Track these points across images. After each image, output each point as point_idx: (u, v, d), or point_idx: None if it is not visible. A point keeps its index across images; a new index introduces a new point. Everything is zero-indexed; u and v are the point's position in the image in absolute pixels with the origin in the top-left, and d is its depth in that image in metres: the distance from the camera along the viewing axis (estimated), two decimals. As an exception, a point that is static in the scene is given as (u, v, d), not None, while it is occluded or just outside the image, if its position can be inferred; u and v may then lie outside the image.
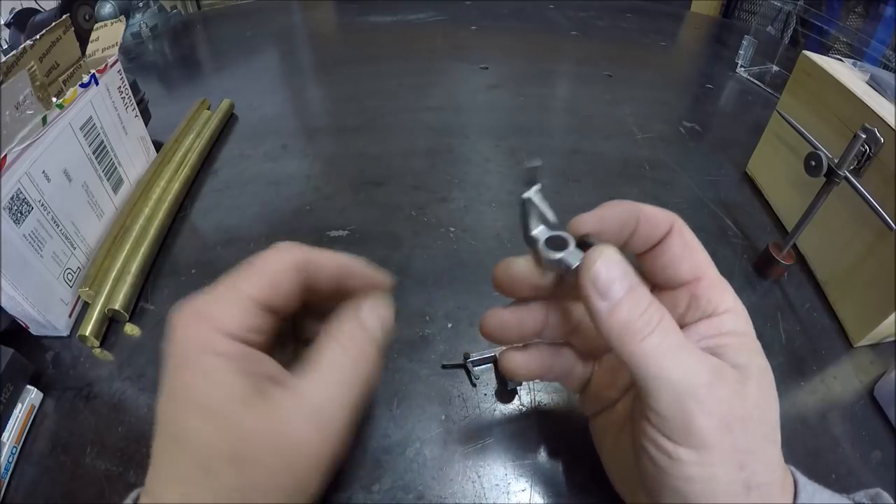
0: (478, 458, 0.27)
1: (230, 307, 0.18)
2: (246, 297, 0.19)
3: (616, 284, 0.18)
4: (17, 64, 0.30)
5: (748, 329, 0.20)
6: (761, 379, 0.18)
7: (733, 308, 0.20)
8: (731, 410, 0.17)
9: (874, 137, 0.31)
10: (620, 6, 0.91)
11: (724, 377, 0.17)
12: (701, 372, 0.17)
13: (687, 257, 0.20)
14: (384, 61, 0.70)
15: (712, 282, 0.20)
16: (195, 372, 0.17)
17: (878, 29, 1.01)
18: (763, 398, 0.18)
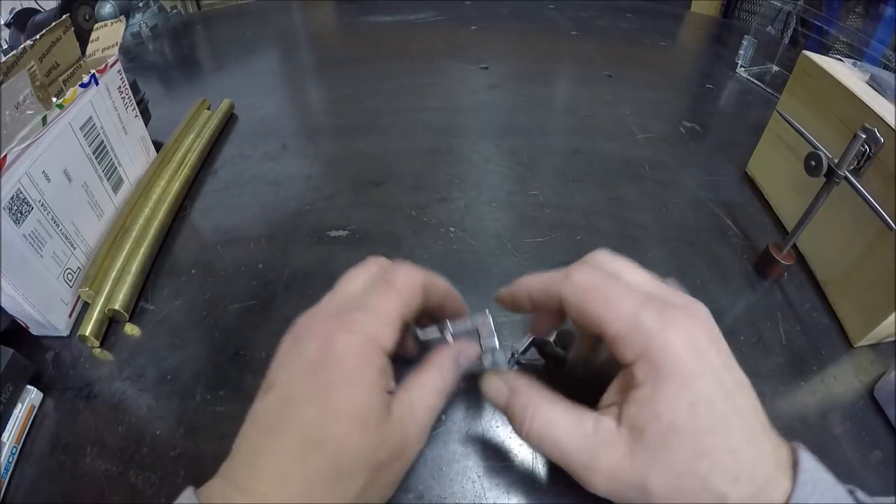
0: (478, 458, 0.27)
1: (388, 326, 0.21)
2: (396, 317, 0.21)
3: (498, 400, 0.23)
4: (17, 64, 0.30)
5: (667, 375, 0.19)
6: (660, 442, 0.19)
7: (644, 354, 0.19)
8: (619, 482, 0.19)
9: (874, 137, 0.31)
10: (620, 6, 0.91)
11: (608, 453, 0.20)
12: (580, 457, 0.20)
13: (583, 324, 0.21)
14: (384, 61, 0.70)
15: (616, 336, 0.20)
16: (356, 382, 0.20)
17: (878, 29, 1.01)
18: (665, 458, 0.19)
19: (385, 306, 0.21)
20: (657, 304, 0.20)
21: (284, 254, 0.39)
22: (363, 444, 0.19)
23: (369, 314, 0.21)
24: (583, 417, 0.21)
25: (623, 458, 0.19)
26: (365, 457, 0.19)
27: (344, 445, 0.19)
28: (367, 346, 0.20)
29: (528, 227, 0.42)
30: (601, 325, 0.20)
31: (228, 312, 0.35)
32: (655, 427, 0.19)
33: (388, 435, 0.20)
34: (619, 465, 0.19)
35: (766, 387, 0.31)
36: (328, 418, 0.19)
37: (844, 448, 0.29)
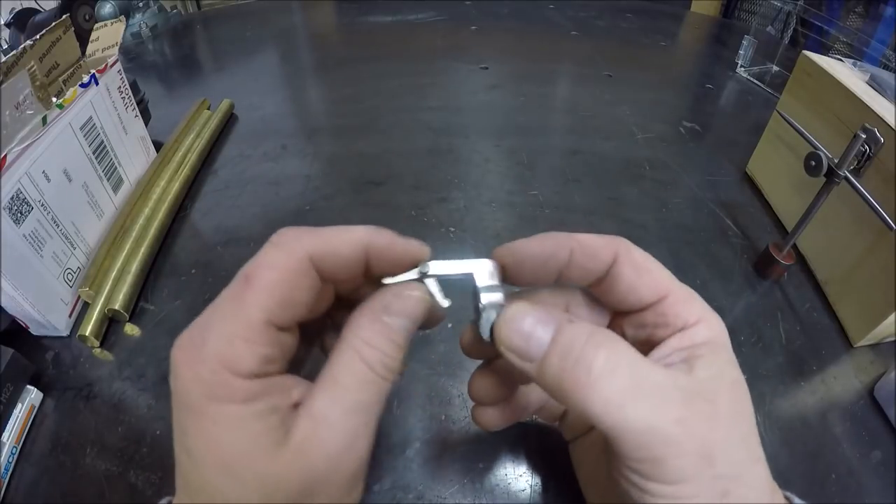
0: (478, 458, 0.27)
1: (242, 344, 0.16)
2: (259, 327, 0.16)
3: (533, 341, 0.16)
4: (17, 64, 0.30)
5: (721, 338, 0.18)
6: (734, 392, 0.17)
7: (704, 317, 0.18)
8: (708, 439, 0.15)
9: (874, 137, 0.31)
10: (620, 6, 0.91)
11: (694, 401, 0.16)
12: (668, 409, 0.15)
13: (644, 282, 0.18)
14: (384, 61, 0.70)
15: (677, 297, 0.18)
16: (210, 425, 0.15)
17: (878, 29, 1.01)
18: (737, 414, 0.17)
19: (239, 316, 0.16)
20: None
21: (284, 254, 0.39)
22: (242, 490, 0.15)
23: (214, 332, 0.16)
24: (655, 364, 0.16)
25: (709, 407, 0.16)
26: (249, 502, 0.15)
27: (220, 494, 0.15)
28: (216, 376, 0.15)
29: (528, 227, 0.42)
30: (663, 282, 0.18)
31: (228, 312, 0.35)
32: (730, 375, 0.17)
33: (281, 471, 0.15)
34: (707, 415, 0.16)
35: (766, 387, 0.31)
36: (195, 465, 0.16)
37: (844, 448, 0.29)
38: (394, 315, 0.18)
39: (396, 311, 0.18)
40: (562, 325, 0.16)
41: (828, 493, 0.27)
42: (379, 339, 0.17)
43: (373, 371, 0.17)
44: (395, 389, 0.30)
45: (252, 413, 0.15)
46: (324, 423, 0.16)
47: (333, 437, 0.16)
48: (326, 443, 0.16)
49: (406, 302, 0.18)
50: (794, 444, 0.29)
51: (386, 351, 0.17)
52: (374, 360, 0.17)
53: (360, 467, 0.17)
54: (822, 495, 0.26)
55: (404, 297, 0.18)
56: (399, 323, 0.18)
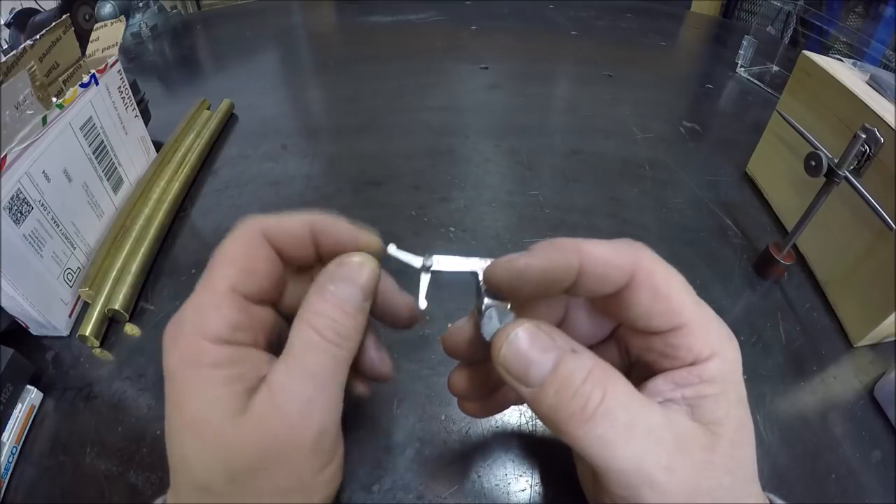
0: (478, 458, 0.27)
1: (210, 310, 0.17)
2: (224, 293, 0.17)
3: (533, 368, 0.16)
4: (17, 64, 0.30)
5: (733, 374, 0.17)
6: (737, 436, 0.16)
7: (718, 350, 0.17)
8: (697, 486, 0.15)
9: (874, 137, 0.31)
10: (620, 6, 0.91)
11: (688, 449, 0.16)
12: (657, 454, 0.15)
13: (658, 310, 0.17)
14: (384, 61, 0.70)
15: (692, 329, 0.17)
16: (185, 389, 0.16)
17: (878, 29, 1.01)
18: (737, 460, 0.16)
19: (211, 286, 0.18)
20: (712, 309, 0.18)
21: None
22: (203, 454, 0.16)
23: (191, 304, 0.18)
24: (652, 404, 0.16)
25: (704, 454, 0.16)
26: (211, 468, 0.16)
27: (188, 457, 0.16)
28: (189, 344, 0.17)
29: (528, 227, 0.42)
30: (681, 312, 0.17)
31: (228, 312, 0.35)
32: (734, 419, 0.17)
33: (240, 438, 0.16)
34: (701, 463, 0.16)
35: (766, 387, 0.31)
36: (171, 430, 0.17)
37: (844, 448, 0.29)
38: (338, 282, 0.18)
39: (339, 278, 0.18)
40: (563, 357, 0.16)
41: (828, 493, 0.27)
42: (325, 306, 0.17)
43: (322, 337, 0.17)
44: (395, 389, 0.30)
45: (220, 378, 0.16)
46: (279, 390, 0.16)
47: (287, 403, 0.16)
48: (281, 408, 0.16)
49: (347, 269, 0.18)
50: (794, 444, 0.29)
51: (333, 317, 0.17)
52: (322, 326, 0.17)
53: (320, 436, 0.17)
54: (822, 495, 0.26)
55: (345, 265, 0.18)
56: (344, 290, 0.18)
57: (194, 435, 0.16)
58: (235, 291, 0.18)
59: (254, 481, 0.16)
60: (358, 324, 0.18)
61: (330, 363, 0.17)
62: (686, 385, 0.17)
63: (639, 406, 0.16)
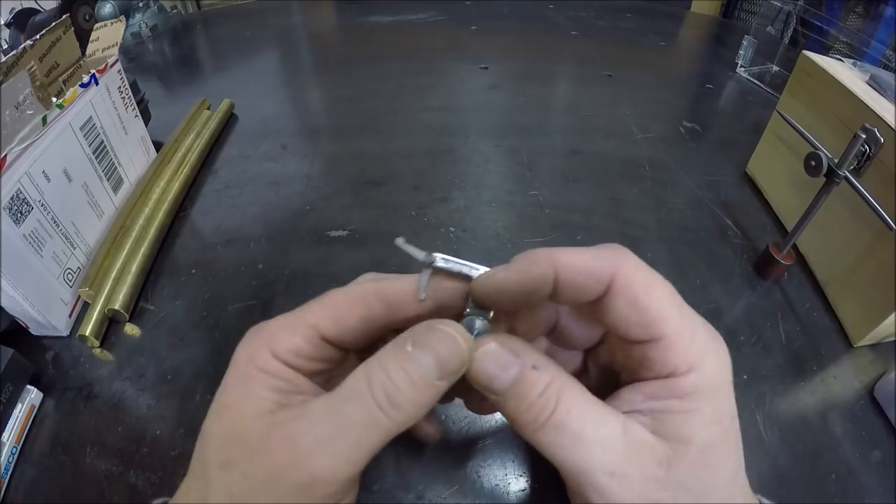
0: (478, 458, 0.27)
1: (288, 331, 0.19)
2: (307, 326, 0.19)
3: (495, 382, 0.17)
4: (17, 64, 0.30)
5: (713, 392, 0.17)
6: (703, 456, 0.16)
7: (698, 367, 0.17)
8: (641, 498, 0.16)
9: (874, 137, 0.31)
10: (620, 6, 0.91)
11: (639, 460, 0.16)
12: (603, 461, 0.16)
13: (635, 320, 0.17)
14: (384, 61, 0.70)
15: (671, 342, 0.17)
16: (235, 378, 0.18)
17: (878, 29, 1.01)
18: (701, 480, 0.16)
19: (302, 315, 0.19)
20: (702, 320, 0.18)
21: (284, 254, 0.39)
22: (217, 434, 0.17)
23: (277, 321, 0.19)
24: (610, 415, 0.17)
25: (658, 468, 0.16)
26: (216, 448, 0.17)
27: (207, 433, 0.18)
28: (259, 349, 0.18)
29: (528, 227, 0.42)
30: (659, 323, 0.17)
31: (228, 312, 0.35)
32: (703, 438, 0.16)
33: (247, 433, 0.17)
34: (653, 475, 0.16)
35: (766, 387, 0.31)
36: (211, 408, 0.18)
37: (844, 448, 0.29)
38: (418, 346, 0.17)
39: (420, 343, 0.17)
40: (522, 373, 0.17)
41: (828, 493, 0.27)
42: (392, 364, 0.17)
43: (371, 395, 0.16)
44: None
45: (266, 382, 0.18)
46: (302, 416, 0.17)
47: (301, 431, 0.16)
48: (292, 432, 0.16)
49: (434, 336, 0.17)
50: (794, 444, 0.29)
51: (395, 380, 0.16)
52: (378, 383, 0.16)
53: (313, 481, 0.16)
54: (822, 495, 0.26)
55: (434, 331, 0.17)
56: (419, 356, 0.17)
57: (219, 415, 0.18)
58: (316, 330, 0.19)
59: (235, 480, 0.16)
60: (419, 399, 0.17)
61: (366, 421, 0.16)
62: (655, 398, 0.17)
63: (592, 416, 0.17)
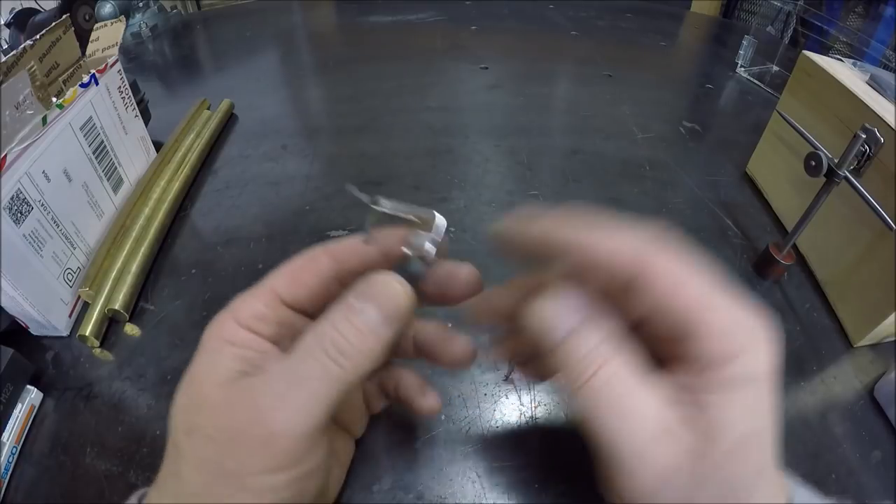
0: (478, 458, 0.27)
1: (249, 298, 0.20)
2: (266, 290, 0.20)
3: (550, 333, 0.17)
4: (17, 64, 0.30)
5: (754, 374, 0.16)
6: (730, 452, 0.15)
7: (734, 359, 0.16)
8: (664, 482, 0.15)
9: (874, 137, 0.31)
10: (620, 6, 0.91)
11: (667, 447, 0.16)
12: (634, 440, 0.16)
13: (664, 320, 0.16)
14: (384, 61, 0.70)
15: (706, 335, 0.16)
16: (201, 353, 0.19)
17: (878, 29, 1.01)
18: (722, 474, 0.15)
19: (258, 284, 0.20)
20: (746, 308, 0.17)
21: (284, 254, 0.39)
22: (185, 406, 0.18)
23: (244, 293, 0.20)
24: (648, 395, 0.16)
25: (684, 458, 0.15)
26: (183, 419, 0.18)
27: (177, 406, 0.18)
28: (224, 321, 0.19)
29: (528, 227, 0.42)
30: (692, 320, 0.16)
31: (228, 312, 0.35)
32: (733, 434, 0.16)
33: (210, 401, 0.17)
34: (677, 464, 0.15)
35: (766, 387, 0.31)
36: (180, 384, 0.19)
37: (844, 448, 0.29)
38: (359, 297, 0.18)
39: (361, 294, 0.18)
40: (573, 332, 0.17)
41: (828, 493, 0.26)
42: (338, 317, 0.18)
43: (320, 347, 0.17)
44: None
45: (229, 352, 0.18)
46: (260, 378, 0.17)
47: (258, 393, 0.17)
48: (250, 393, 0.17)
49: (371, 287, 0.18)
50: (794, 444, 0.29)
51: (341, 331, 0.17)
52: (324, 335, 0.17)
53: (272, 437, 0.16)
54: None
55: (372, 283, 0.18)
56: (361, 306, 0.18)
57: (187, 388, 0.18)
58: (274, 292, 0.20)
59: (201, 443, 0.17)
60: (366, 346, 0.18)
61: (319, 373, 0.17)
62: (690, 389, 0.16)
63: (630, 392, 0.16)
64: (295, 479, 0.17)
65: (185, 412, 0.18)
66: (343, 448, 0.24)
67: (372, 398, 0.24)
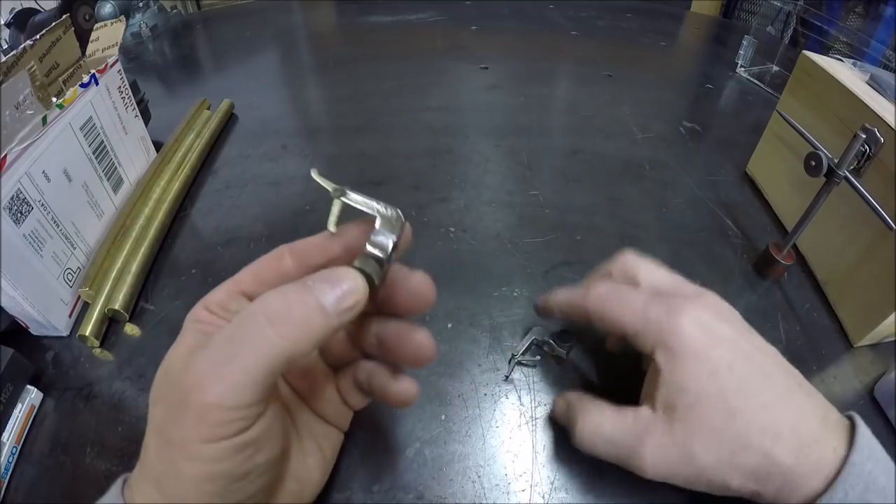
0: (478, 458, 0.27)
1: (217, 290, 0.21)
2: (231, 283, 0.21)
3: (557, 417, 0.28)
4: (17, 64, 0.30)
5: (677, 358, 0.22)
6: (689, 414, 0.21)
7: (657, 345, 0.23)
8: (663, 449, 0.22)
9: (874, 137, 0.31)
10: (620, 6, 0.91)
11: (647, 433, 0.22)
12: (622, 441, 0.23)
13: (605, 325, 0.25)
14: (384, 61, 0.70)
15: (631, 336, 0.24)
16: (179, 335, 0.20)
17: (878, 29, 1.01)
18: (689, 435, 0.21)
19: (231, 277, 0.22)
20: (662, 298, 0.23)
21: (284, 254, 0.39)
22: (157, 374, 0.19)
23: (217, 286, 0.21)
24: (623, 412, 0.23)
25: (664, 436, 0.21)
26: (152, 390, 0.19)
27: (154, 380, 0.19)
28: (196, 308, 0.21)
29: (528, 227, 0.42)
30: (620, 326, 0.23)
31: (228, 312, 0.35)
32: (684, 400, 0.21)
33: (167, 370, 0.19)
34: (662, 443, 0.21)
35: (766, 387, 0.31)
36: None
37: (844, 448, 0.28)
38: (317, 279, 0.18)
39: (320, 277, 0.19)
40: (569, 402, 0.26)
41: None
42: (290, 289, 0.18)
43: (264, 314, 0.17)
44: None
45: (195, 329, 0.20)
46: (206, 345, 0.18)
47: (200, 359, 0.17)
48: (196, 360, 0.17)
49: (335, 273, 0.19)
50: (794, 444, 0.28)
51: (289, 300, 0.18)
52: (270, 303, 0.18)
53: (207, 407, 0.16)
54: (822, 495, 0.26)
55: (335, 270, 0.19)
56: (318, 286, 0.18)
57: (162, 363, 0.19)
58: (239, 285, 0.21)
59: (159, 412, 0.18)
60: (312, 322, 0.18)
61: (254, 340, 0.17)
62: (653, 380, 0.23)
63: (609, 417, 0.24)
64: (235, 448, 0.17)
65: (156, 383, 0.19)
66: (326, 439, 0.24)
67: (349, 395, 0.24)
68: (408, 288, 0.21)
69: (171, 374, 0.18)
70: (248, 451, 0.17)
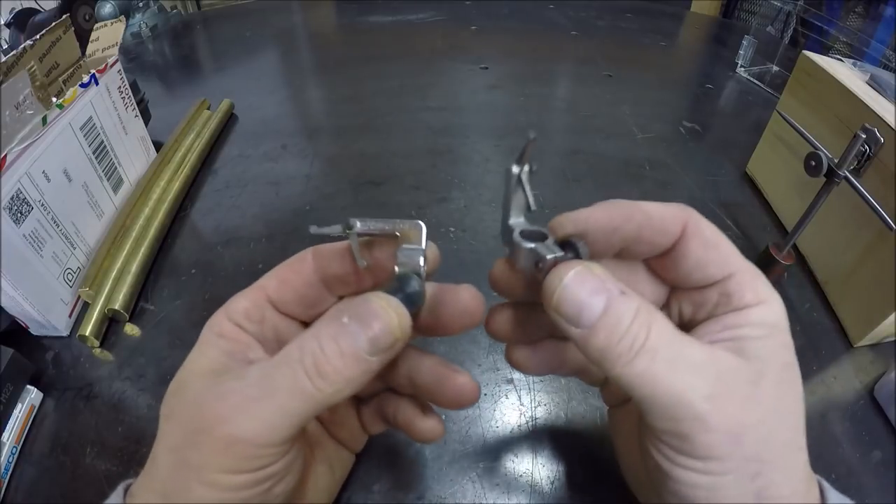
0: (478, 458, 0.27)
1: (240, 297, 0.20)
2: (256, 289, 0.20)
3: (585, 311, 0.16)
4: (17, 64, 0.30)
5: (780, 322, 0.18)
6: (782, 375, 0.17)
7: (766, 299, 0.18)
8: (741, 420, 0.16)
9: (874, 137, 0.31)
10: (620, 6, 0.91)
11: (732, 382, 0.16)
12: (701, 386, 0.16)
13: (712, 258, 0.18)
14: (384, 61, 0.70)
15: (742, 277, 0.18)
16: (197, 345, 0.19)
17: (878, 29, 1.01)
18: (782, 398, 0.17)
19: (255, 283, 0.20)
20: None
21: (284, 254, 0.39)
22: (169, 390, 0.18)
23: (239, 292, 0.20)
24: (695, 342, 0.17)
25: (748, 387, 0.16)
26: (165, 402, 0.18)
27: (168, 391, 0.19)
28: (218, 316, 0.20)
29: (528, 227, 0.42)
30: (732, 260, 0.18)
31: (228, 312, 0.35)
32: (781, 358, 0.17)
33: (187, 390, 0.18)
34: (744, 394, 0.16)
35: (766, 387, 0.31)
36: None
37: (844, 448, 0.29)
38: (352, 318, 0.17)
39: (355, 315, 0.17)
40: (613, 300, 0.16)
41: (828, 493, 0.27)
42: (325, 334, 0.17)
43: (301, 363, 0.16)
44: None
45: (218, 344, 0.19)
46: (237, 377, 0.17)
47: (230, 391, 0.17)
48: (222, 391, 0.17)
49: (366, 308, 0.17)
50: (794, 444, 0.28)
51: (324, 347, 0.17)
52: (308, 351, 0.17)
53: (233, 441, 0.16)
54: (822, 495, 0.26)
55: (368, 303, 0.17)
56: (352, 329, 0.17)
57: (178, 374, 0.19)
58: (263, 292, 0.20)
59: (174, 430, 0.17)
60: (347, 372, 0.17)
61: (291, 387, 0.16)
62: (733, 327, 0.18)
63: (681, 343, 0.17)
64: (255, 481, 0.17)
65: (170, 395, 0.18)
66: (338, 461, 0.24)
67: (370, 423, 0.24)
68: (456, 305, 0.19)
69: (190, 393, 0.18)
70: (267, 483, 0.17)
